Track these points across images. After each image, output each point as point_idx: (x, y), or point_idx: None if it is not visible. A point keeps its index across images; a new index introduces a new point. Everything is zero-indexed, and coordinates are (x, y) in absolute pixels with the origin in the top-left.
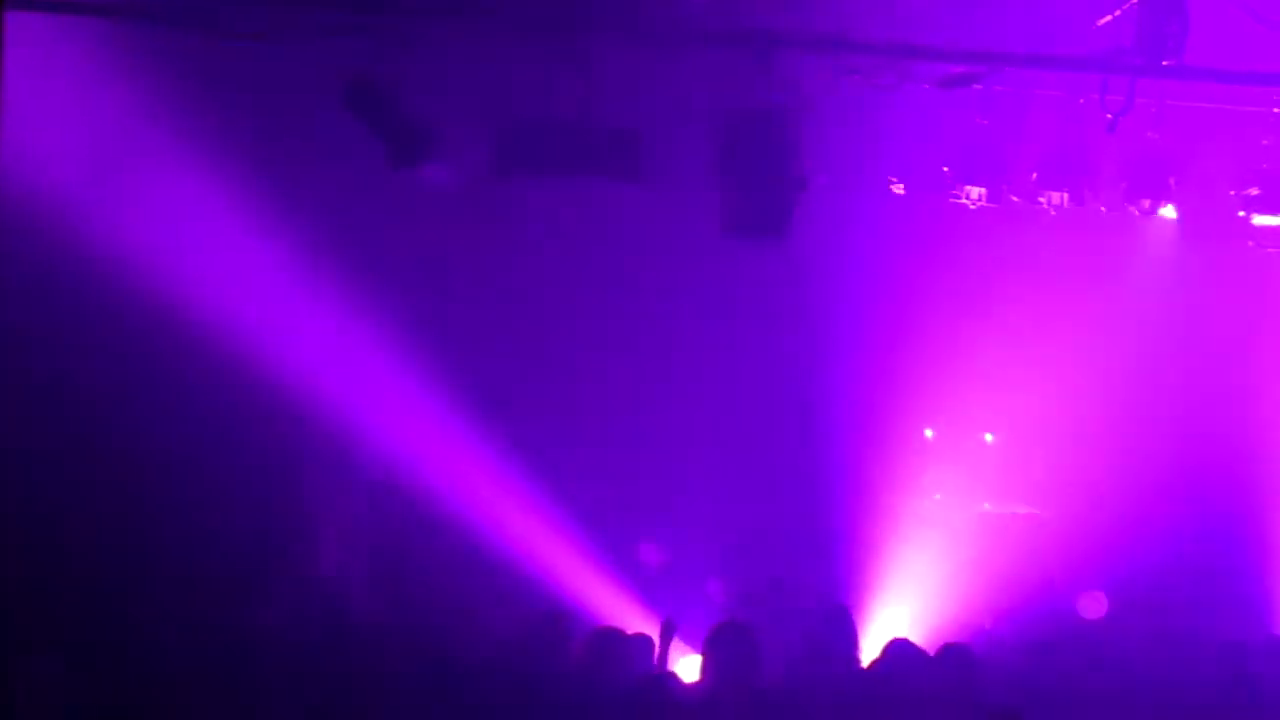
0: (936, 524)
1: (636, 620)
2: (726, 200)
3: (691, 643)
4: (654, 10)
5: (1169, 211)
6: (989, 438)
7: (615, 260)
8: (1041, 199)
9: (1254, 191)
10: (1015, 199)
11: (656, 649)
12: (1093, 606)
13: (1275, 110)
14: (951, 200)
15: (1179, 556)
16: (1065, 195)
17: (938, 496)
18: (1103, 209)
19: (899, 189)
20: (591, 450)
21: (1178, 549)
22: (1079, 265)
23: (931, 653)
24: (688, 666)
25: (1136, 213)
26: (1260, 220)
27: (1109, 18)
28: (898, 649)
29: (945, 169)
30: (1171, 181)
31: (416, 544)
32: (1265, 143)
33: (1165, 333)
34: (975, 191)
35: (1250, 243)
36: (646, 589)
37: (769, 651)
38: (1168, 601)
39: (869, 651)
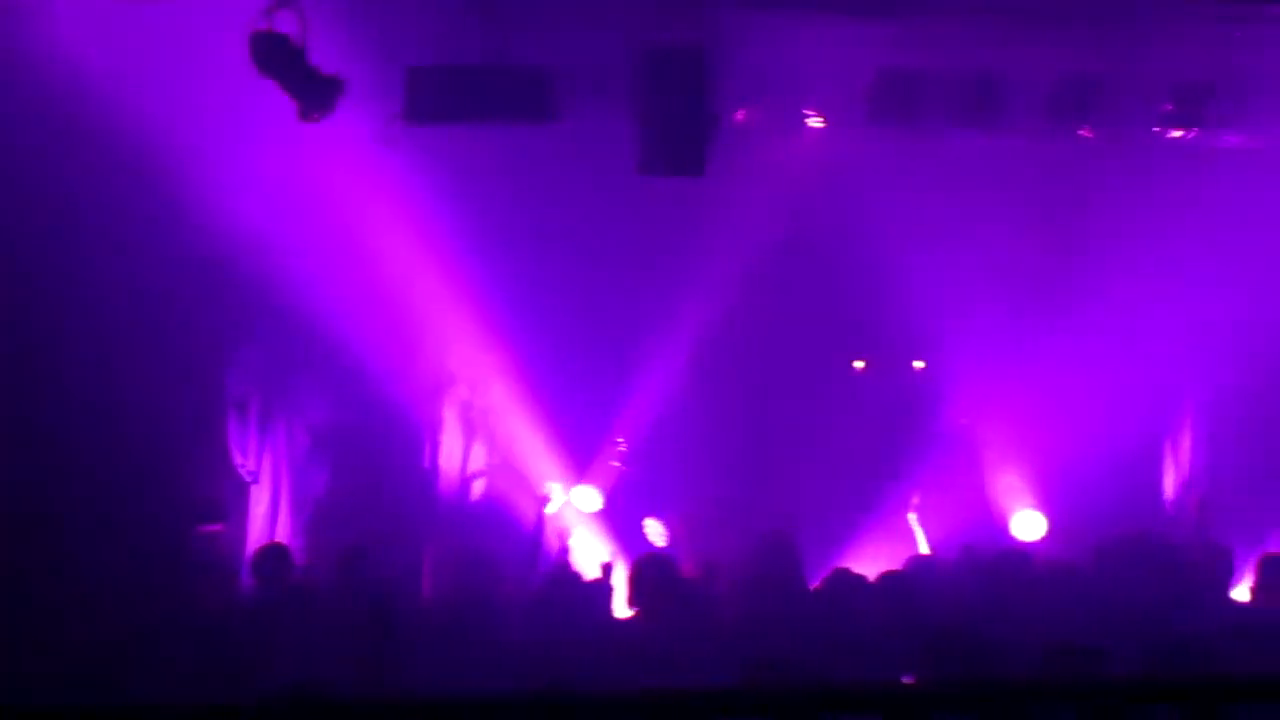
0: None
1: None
2: (643, 139)
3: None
4: None
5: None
6: (919, 364)
7: (529, 201)
8: (961, 129)
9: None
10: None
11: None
12: (1030, 528)
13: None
14: (871, 133)
15: (1114, 473)
16: (982, 125)
17: None
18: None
19: (817, 123)
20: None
21: (1113, 465)
22: (1000, 193)
23: (873, 580)
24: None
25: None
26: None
27: None
28: (839, 578)
29: (862, 103)
30: (1090, 103)
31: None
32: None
33: (1084, 252)
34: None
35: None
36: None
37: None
38: (1106, 516)
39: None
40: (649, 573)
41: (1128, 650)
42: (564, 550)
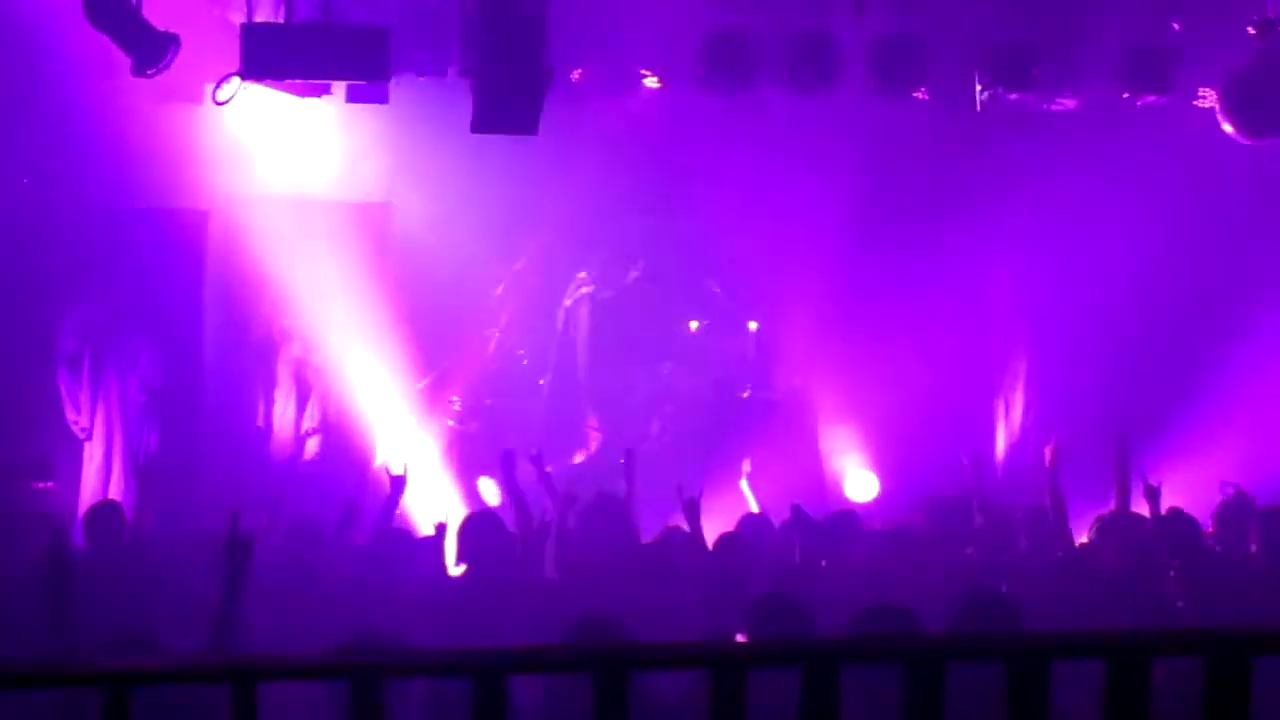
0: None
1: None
2: (477, 96)
3: None
4: None
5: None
6: (753, 325)
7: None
8: (793, 90)
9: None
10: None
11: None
12: (863, 489)
13: None
14: (707, 93)
15: (946, 433)
16: (814, 86)
17: None
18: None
19: (652, 82)
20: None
21: (945, 426)
22: (834, 155)
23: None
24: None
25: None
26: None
27: None
28: (669, 535)
29: (697, 63)
30: (918, 66)
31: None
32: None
33: (916, 213)
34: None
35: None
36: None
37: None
38: (937, 478)
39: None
40: (474, 529)
41: (944, 610)
42: (392, 507)
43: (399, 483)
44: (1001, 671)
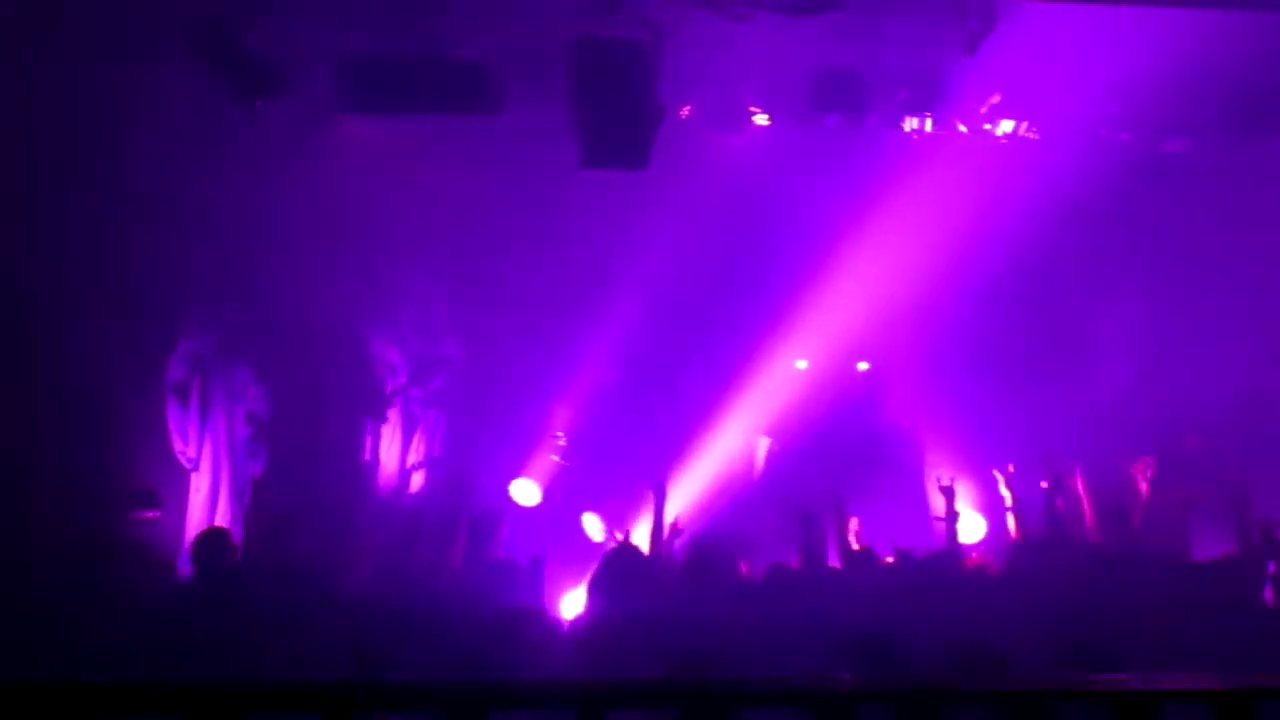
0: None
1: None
2: (585, 132)
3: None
4: None
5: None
6: (862, 366)
7: (472, 193)
8: (903, 124)
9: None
10: (878, 125)
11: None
12: (969, 530)
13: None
14: (814, 129)
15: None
16: (928, 119)
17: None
18: (963, 130)
19: (762, 119)
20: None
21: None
22: (940, 188)
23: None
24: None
25: (997, 134)
26: None
27: None
28: (776, 572)
29: (806, 98)
30: (1030, 102)
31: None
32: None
33: (1027, 250)
34: (836, 119)
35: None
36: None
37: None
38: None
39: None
40: (621, 562)
41: (1038, 653)
42: (497, 537)
43: (506, 514)
44: (1106, 715)
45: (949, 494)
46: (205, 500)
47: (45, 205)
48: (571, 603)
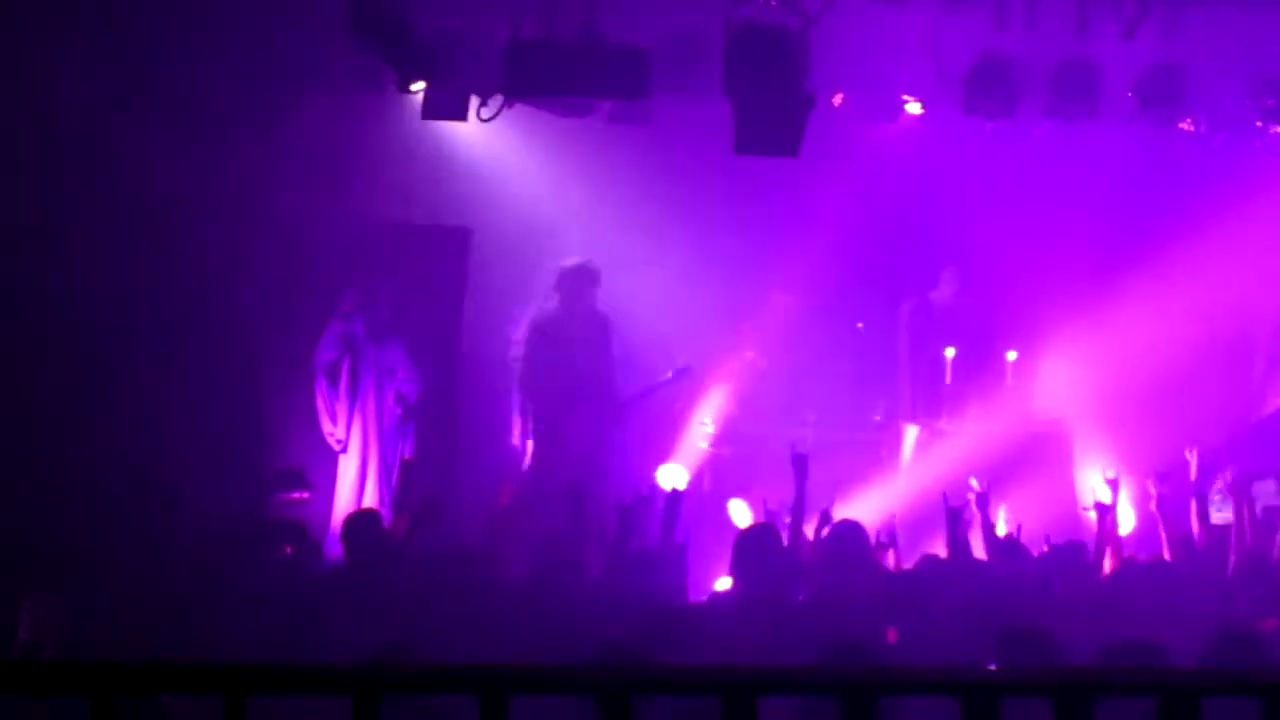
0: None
1: None
2: (738, 119)
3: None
4: None
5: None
6: (1011, 355)
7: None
8: (1057, 117)
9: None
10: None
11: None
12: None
13: None
14: (967, 118)
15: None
16: (1078, 113)
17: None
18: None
19: (915, 108)
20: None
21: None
22: (1090, 182)
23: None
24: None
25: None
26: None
27: None
28: (927, 563)
29: (956, 87)
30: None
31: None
32: None
33: (1190, 247)
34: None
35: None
36: None
37: None
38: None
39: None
40: (755, 541)
41: (1198, 646)
42: (673, 521)
43: (676, 498)
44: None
45: (1113, 486)
46: (354, 482)
47: (203, 187)
48: (718, 590)
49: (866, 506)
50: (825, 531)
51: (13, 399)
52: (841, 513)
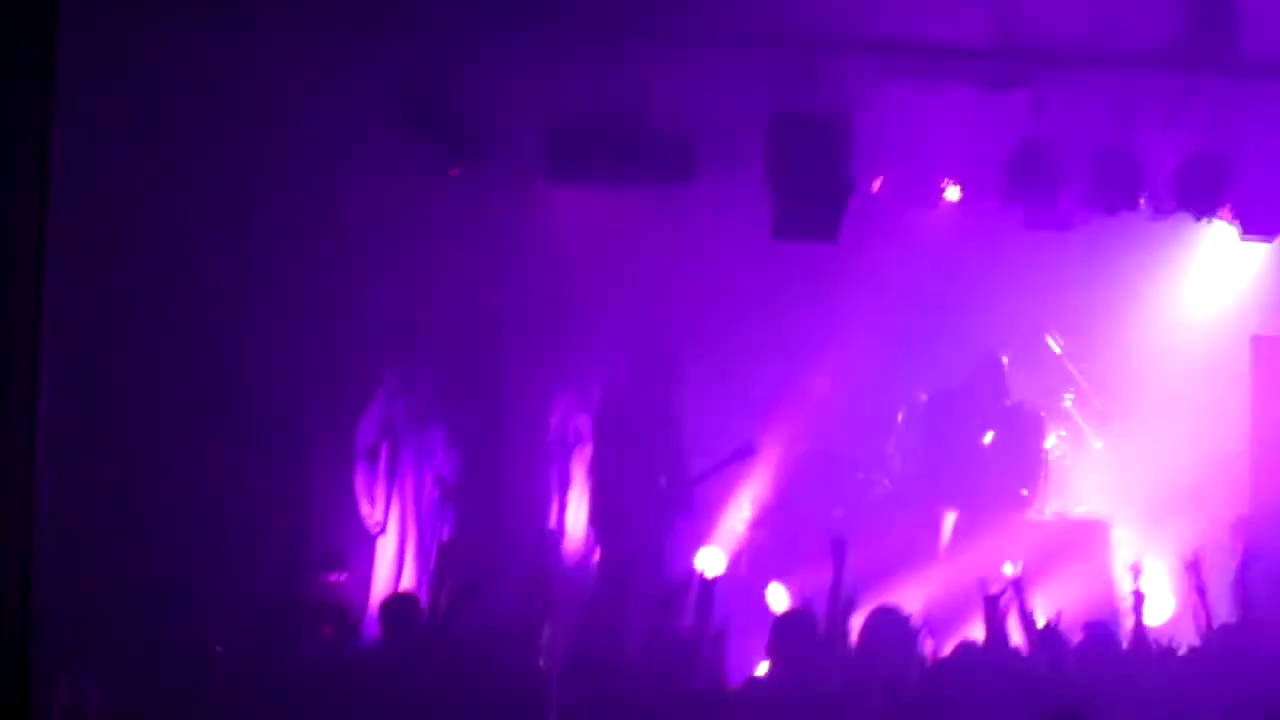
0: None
1: None
2: (777, 204)
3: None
4: (700, 11)
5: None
6: (1051, 442)
7: (667, 263)
8: (1097, 207)
9: None
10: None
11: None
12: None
13: None
14: (1005, 205)
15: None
16: (1118, 204)
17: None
18: (1155, 214)
19: (954, 193)
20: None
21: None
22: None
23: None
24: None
25: (1192, 218)
26: None
27: None
28: (961, 650)
29: (997, 174)
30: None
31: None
32: None
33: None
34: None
35: None
36: None
37: None
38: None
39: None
40: (791, 628)
41: None
42: (709, 606)
43: (711, 584)
44: None
45: (1136, 573)
46: (392, 563)
47: (245, 265)
48: (756, 675)
49: (904, 592)
50: (858, 618)
51: (60, 474)
52: (878, 598)
